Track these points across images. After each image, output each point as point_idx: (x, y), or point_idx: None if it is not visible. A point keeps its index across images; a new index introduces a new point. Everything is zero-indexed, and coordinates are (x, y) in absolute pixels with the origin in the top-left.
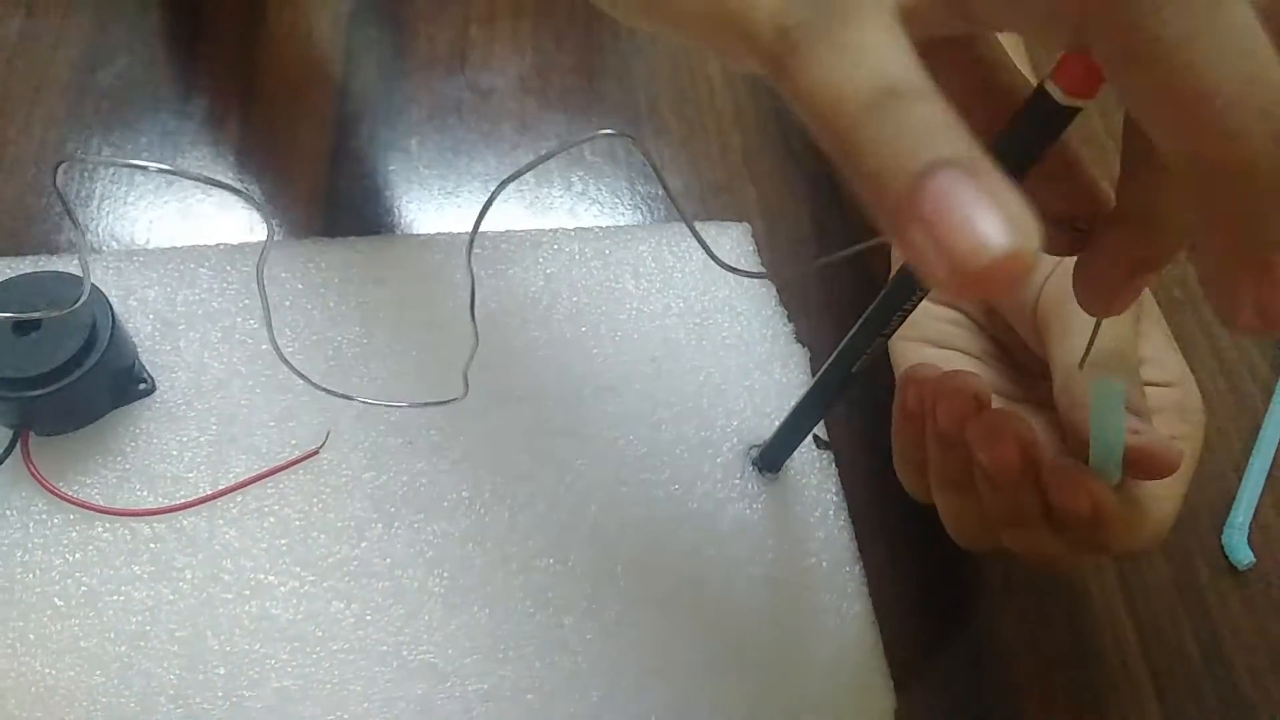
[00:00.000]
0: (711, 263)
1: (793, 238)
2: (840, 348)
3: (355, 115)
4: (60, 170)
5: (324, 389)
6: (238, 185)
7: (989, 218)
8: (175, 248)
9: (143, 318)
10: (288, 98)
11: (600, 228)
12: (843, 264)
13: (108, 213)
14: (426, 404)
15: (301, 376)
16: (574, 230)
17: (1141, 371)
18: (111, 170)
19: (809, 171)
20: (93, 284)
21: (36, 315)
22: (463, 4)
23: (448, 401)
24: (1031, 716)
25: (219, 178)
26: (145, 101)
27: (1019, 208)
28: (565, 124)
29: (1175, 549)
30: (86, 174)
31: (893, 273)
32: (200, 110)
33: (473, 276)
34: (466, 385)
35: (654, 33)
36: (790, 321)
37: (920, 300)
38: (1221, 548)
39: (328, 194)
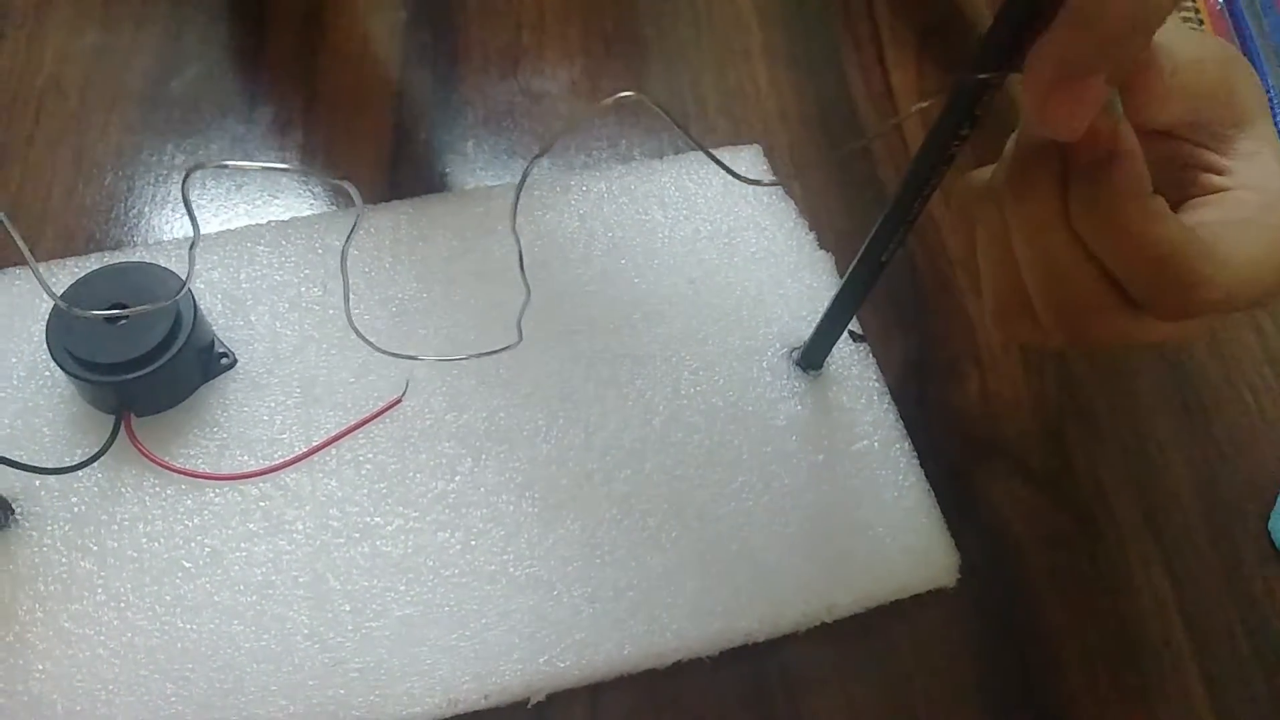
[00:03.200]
0: (732, 184)
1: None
2: (868, 241)
3: (413, 119)
4: (187, 179)
5: (389, 353)
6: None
7: None
8: (229, 230)
9: (213, 298)
10: (348, 104)
11: (622, 166)
12: (854, 171)
13: (180, 212)
14: (483, 354)
15: (368, 343)
16: (598, 171)
17: (1234, 173)
18: (161, 169)
19: (856, 179)
20: (169, 269)
21: (144, 308)
22: (514, 10)
23: (503, 350)
24: (1080, 705)
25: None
26: (214, 109)
27: None
28: (616, 125)
29: (1221, 538)
30: (161, 178)
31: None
32: (266, 116)
33: (516, 235)
34: (520, 333)
35: None
36: (811, 231)
37: (936, 189)
38: (1269, 535)
39: (387, 197)
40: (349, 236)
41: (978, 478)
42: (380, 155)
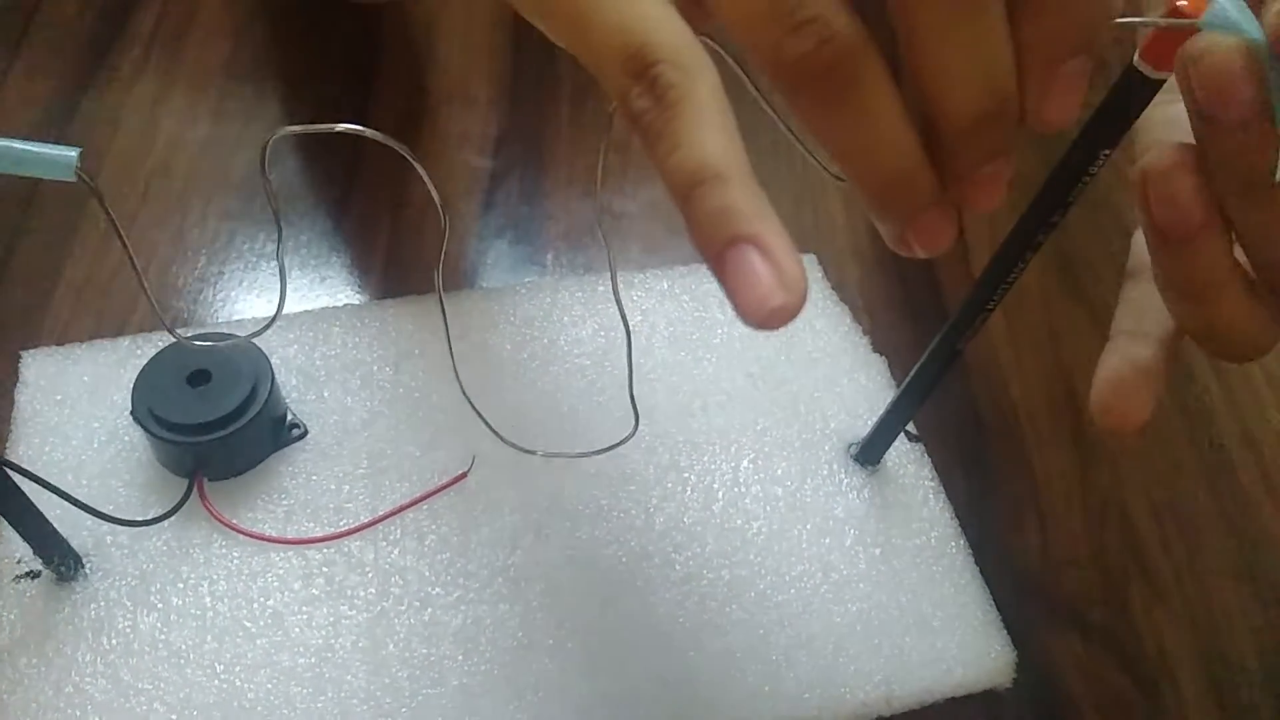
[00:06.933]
0: None
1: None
2: (946, 328)
3: (497, 229)
4: (267, 149)
5: (510, 444)
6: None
7: (768, 283)
8: (308, 311)
9: (288, 373)
10: (435, 208)
11: (683, 267)
12: (907, 277)
13: (249, 288)
14: (609, 448)
15: (490, 427)
16: (660, 270)
17: None
18: (252, 256)
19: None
20: (245, 338)
21: (221, 344)
22: (601, 131)
23: (624, 441)
24: None
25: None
26: (307, 204)
27: (792, 271)
28: (690, 249)
29: None
30: (250, 265)
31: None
32: (354, 215)
33: (610, 252)
34: (636, 416)
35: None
36: (865, 335)
37: (1022, 272)
38: None
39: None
40: (440, 259)
41: (1034, 630)
42: (461, 259)
